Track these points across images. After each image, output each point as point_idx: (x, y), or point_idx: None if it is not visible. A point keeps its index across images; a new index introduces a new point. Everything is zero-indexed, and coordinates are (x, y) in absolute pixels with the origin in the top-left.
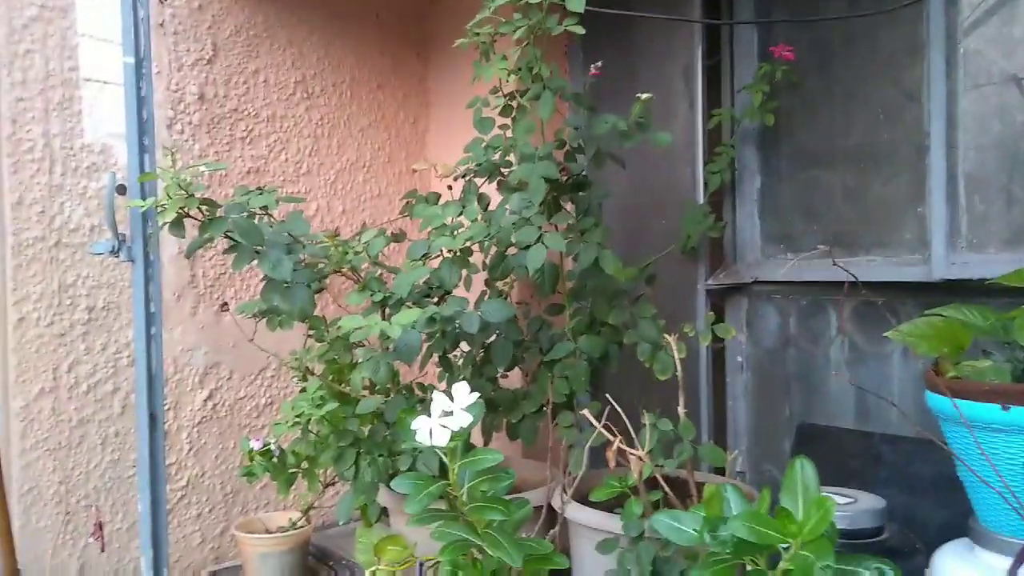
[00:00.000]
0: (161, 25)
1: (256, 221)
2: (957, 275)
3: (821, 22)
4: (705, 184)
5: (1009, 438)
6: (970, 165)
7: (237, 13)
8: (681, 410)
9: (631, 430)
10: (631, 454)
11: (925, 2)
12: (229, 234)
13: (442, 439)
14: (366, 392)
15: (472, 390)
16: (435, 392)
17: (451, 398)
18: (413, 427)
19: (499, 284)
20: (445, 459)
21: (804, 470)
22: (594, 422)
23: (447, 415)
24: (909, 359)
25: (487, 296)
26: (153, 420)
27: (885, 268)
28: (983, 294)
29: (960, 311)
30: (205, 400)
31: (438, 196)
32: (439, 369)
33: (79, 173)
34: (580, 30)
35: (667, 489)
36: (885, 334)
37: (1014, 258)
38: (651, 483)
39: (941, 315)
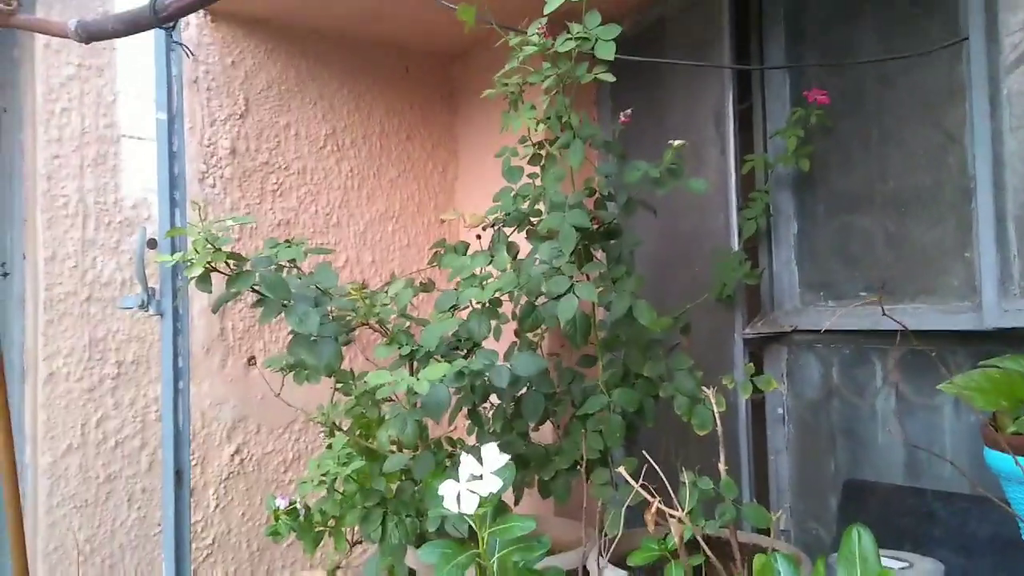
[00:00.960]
0: (195, 82)
1: (284, 274)
2: (1011, 323)
3: (855, 64)
4: (739, 230)
5: None
6: (1020, 207)
7: (269, 68)
8: (722, 467)
9: (669, 488)
10: (671, 515)
11: (964, 43)
12: (256, 288)
13: (470, 506)
14: (393, 448)
15: (502, 445)
16: (463, 454)
17: (479, 459)
18: (440, 492)
19: (529, 335)
20: (474, 525)
21: (862, 540)
22: (630, 480)
23: (476, 479)
24: (962, 411)
25: (517, 347)
26: (179, 477)
27: (933, 316)
28: None
29: (1018, 362)
30: (232, 455)
31: (467, 246)
32: (468, 422)
33: (112, 227)
34: (610, 78)
35: (709, 553)
36: (939, 387)
37: None
38: (692, 545)
39: (998, 366)
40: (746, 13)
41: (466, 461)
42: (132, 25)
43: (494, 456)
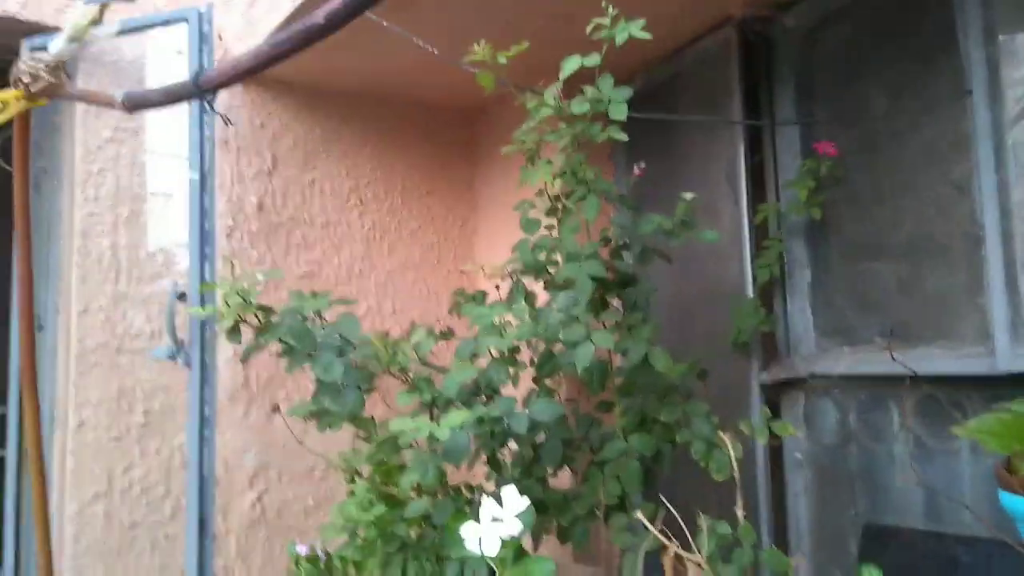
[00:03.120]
0: (225, 143)
1: (309, 325)
2: (1023, 367)
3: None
4: (754, 278)
5: None
6: None
7: (296, 128)
8: (740, 512)
9: (687, 533)
10: (689, 560)
11: (968, 98)
12: (283, 339)
13: (492, 548)
14: (414, 495)
15: (521, 491)
16: (484, 497)
17: (500, 503)
18: (462, 534)
19: (547, 382)
20: (495, 567)
21: None
22: (649, 526)
23: (497, 521)
24: (979, 455)
25: (536, 394)
26: (203, 525)
27: (947, 361)
28: None
29: None
30: (254, 502)
31: (485, 294)
32: (487, 467)
33: (142, 281)
34: (623, 137)
35: None
36: (952, 430)
37: None
38: None
39: (1011, 410)
40: (756, 71)
41: (487, 504)
42: (175, 96)
43: (515, 499)
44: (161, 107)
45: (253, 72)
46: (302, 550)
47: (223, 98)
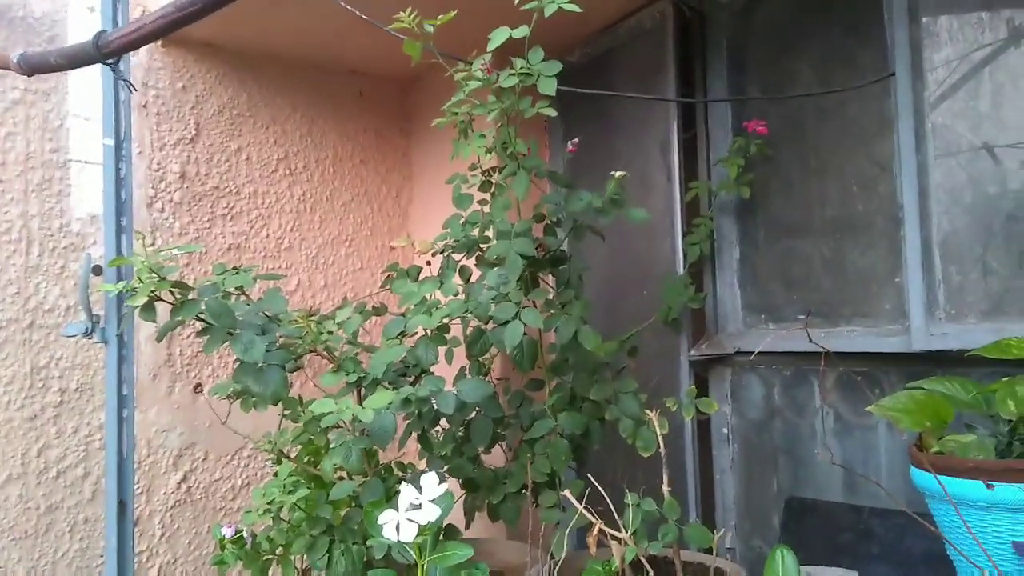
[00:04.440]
0: (144, 106)
1: (232, 300)
2: (937, 346)
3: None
4: (685, 255)
5: (996, 516)
6: (944, 236)
7: (221, 93)
8: (665, 489)
9: (614, 510)
10: (613, 537)
11: (892, 79)
12: (201, 316)
13: (409, 535)
14: (343, 475)
15: (452, 469)
16: (404, 483)
17: (420, 489)
18: (379, 521)
19: (481, 359)
20: (413, 554)
21: (785, 561)
22: (575, 503)
23: (415, 508)
24: (895, 430)
25: (468, 371)
26: (122, 507)
27: (866, 339)
28: (965, 364)
29: (942, 384)
30: (179, 483)
31: (419, 270)
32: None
33: (56, 253)
34: (552, 113)
35: (651, 572)
36: (868, 408)
37: (993, 327)
38: (636, 566)
39: (923, 388)
40: (690, 44)
41: (406, 490)
42: (75, 60)
43: (433, 484)
44: (60, 71)
45: (158, 35)
46: (227, 532)
47: (142, 60)
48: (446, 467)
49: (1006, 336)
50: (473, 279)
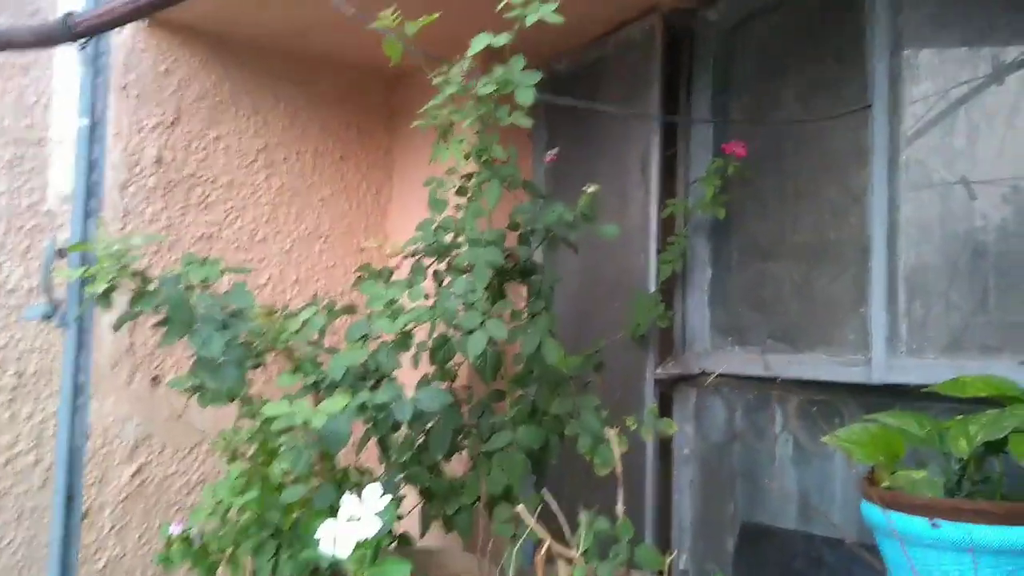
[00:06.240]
0: (124, 88)
1: (198, 293)
2: (896, 379)
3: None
4: (657, 273)
5: (940, 554)
6: (910, 270)
7: (204, 79)
8: (619, 508)
9: (567, 529)
10: (560, 555)
11: (870, 110)
12: (160, 308)
13: (346, 549)
14: (295, 478)
15: (408, 477)
16: (347, 494)
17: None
18: (317, 534)
19: (447, 365)
20: (350, 569)
21: None
22: (527, 519)
23: (354, 521)
24: (852, 460)
25: (430, 377)
26: (70, 499)
27: (828, 367)
28: (924, 399)
29: (897, 418)
30: (133, 475)
31: (391, 271)
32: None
33: (23, 232)
34: (527, 123)
35: None
36: (823, 439)
37: (952, 364)
38: None
39: (878, 421)
40: (678, 63)
41: (347, 501)
42: (44, 38)
43: (375, 497)
44: (29, 49)
45: (132, 17)
46: (176, 529)
47: (125, 40)
48: (403, 474)
49: (964, 373)
50: (446, 284)
